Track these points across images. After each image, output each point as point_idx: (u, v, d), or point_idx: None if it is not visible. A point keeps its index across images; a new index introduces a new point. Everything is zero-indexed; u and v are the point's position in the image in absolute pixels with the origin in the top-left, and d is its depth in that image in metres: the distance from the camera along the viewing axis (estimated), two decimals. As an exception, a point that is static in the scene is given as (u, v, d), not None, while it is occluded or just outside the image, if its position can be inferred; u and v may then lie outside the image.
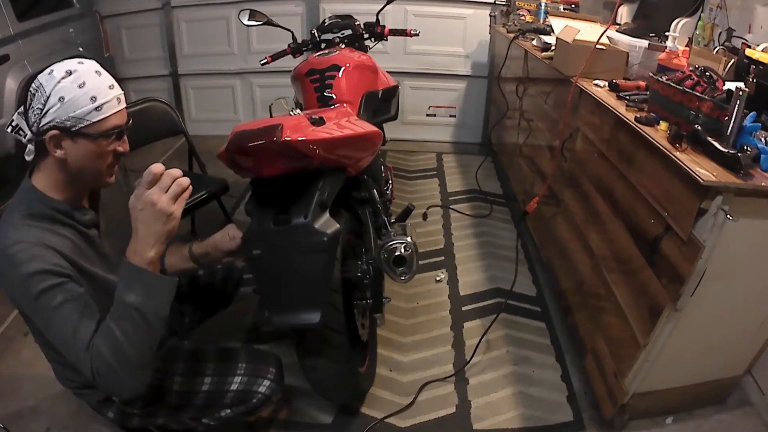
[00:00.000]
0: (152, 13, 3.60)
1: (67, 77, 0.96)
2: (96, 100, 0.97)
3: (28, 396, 1.61)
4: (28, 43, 2.55)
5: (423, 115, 3.74)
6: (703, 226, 1.14)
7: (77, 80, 0.96)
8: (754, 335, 1.48)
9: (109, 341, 0.92)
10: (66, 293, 0.94)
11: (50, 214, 1.01)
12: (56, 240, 0.98)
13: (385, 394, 1.68)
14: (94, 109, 0.97)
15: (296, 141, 1.09)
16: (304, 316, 1.16)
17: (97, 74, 0.99)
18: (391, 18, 3.22)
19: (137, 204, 0.94)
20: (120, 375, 0.93)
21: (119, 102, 1.02)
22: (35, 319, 0.97)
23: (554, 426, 1.58)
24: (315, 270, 1.15)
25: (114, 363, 0.91)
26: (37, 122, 0.96)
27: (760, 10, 1.70)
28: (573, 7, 2.86)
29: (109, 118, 0.99)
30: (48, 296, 0.92)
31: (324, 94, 1.70)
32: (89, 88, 0.96)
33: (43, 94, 0.95)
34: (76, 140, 0.98)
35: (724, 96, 1.19)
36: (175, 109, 2.24)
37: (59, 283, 0.94)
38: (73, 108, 0.95)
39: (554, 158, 2.03)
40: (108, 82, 1.00)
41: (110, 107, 0.99)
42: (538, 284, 2.24)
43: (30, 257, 0.92)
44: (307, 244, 1.13)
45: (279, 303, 1.18)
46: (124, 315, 0.93)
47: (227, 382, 1.26)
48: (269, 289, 1.19)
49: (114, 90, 1.01)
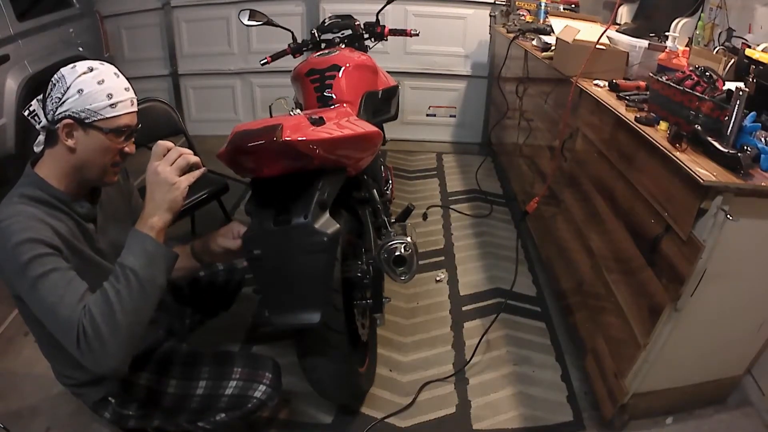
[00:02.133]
0: (152, 13, 3.60)
1: (89, 73, 1.02)
2: (112, 97, 1.02)
3: (28, 396, 1.61)
4: (28, 43, 2.55)
5: (423, 115, 3.74)
6: (703, 226, 1.14)
7: (97, 77, 1.02)
8: (754, 335, 1.47)
9: (102, 302, 0.92)
10: (55, 263, 0.95)
11: (49, 200, 1.03)
12: (52, 221, 1.00)
13: (385, 394, 1.68)
14: (109, 105, 1.02)
15: (296, 141, 1.09)
16: (303, 316, 1.16)
17: (115, 75, 1.05)
18: (391, 18, 3.22)
19: (148, 175, 1.01)
20: (106, 340, 0.91)
21: (132, 104, 1.07)
22: (22, 289, 0.95)
23: (554, 426, 1.58)
24: (315, 270, 1.15)
25: (103, 326, 0.90)
26: (54, 110, 1.01)
27: (760, 10, 1.70)
28: (573, 7, 2.86)
29: (121, 116, 1.04)
30: (36, 263, 0.93)
31: (324, 94, 1.70)
32: (107, 85, 1.02)
33: (63, 85, 1.00)
34: (87, 132, 1.02)
35: (724, 96, 1.19)
36: (175, 109, 2.24)
37: (49, 253, 0.94)
38: (90, 101, 1.00)
39: (554, 158, 2.03)
40: (124, 84, 1.06)
41: (124, 106, 1.05)
42: (538, 284, 2.24)
43: (22, 228, 0.94)
44: (307, 243, 1.12)
45: (279, 303, 1.18)
46: (121, 277, 0.95)
47: (222, 386, 1.27)
48: (269, 289, 1.18)
49: (129, 92, 1.06)
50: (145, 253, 0.97)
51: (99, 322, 0.90)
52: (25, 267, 0.92)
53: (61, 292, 0.93)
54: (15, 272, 0.94)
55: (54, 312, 0.93)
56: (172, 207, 1.00)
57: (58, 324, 0.94)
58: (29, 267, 0.92)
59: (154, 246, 0.98)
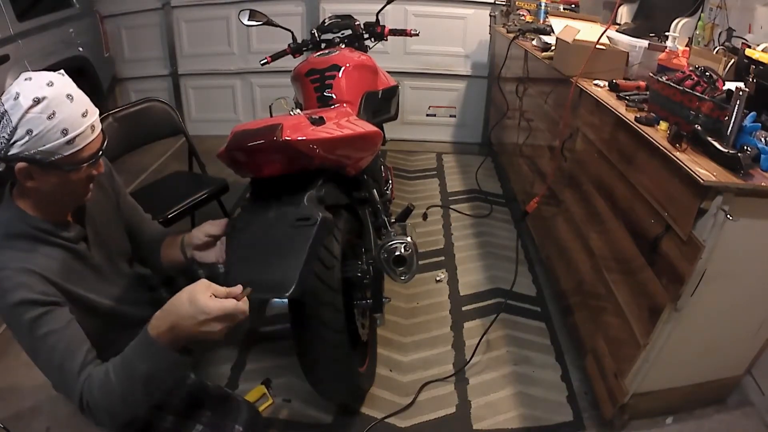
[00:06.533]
0: (152, 13, 3.60)
1: (35, 106, 0.86)
2: (67, 132, 0.89)
3: (28, 396, 1.61)
4: (28, 43, 2.55)
5: (423, 115, 3.74)
6: (703, 226, 1.13)
7: (46, 110, 0.87)
8: (754, 335, 1.47)
9: (106, 394, 0.89)
10: (52, 323, 0.92)
11: (32, 234, 0.97)
12: (41, 262, 0.94)
13: (385, 394, 1.68)
14: (65, 143, 0.89)
15: (296, 141, 1.09)
16: (275, 285, 1.01)
17: (68, 99, 0.90)
18: (391, 18, 3.22)
19: (197, 302, 0.85)
20: (111, 415, 0.91)
21: (93, 130, 0.95)
22: (21, 344, 0.95)
23: (554, 426, 1.58)
24: (298, 243, 1.05)
25: (106, 411, 0.90)
26: (4, 150, 0.88)
27: (760, 10, 1.70)
28: (573, 7, 2.86)
29: (82, 149, 0.92)
30: (33, 327, 0.90)
31: (324, 94, 1.70)
32: (60, 119, 0.88)
33: (9, 124, 0.87)
34: (48, 171, 0.91)
35: (724, 96, 1.19)
36: (175, 109, 2.23)
37: (45, 312, 0.91)
38: (43, 142, 0.87)
39: (554, 158, 2.03)
40: (80, 108, 0.92)
41: (83, 138, 0.92)
42: (538, 284, 2.24)
43: (14, 286, 0.89)
44: (295, 217, 1.08)
45: (250, 270, 1.05)
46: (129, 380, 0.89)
47: (187, 426, 1.13)
48: (243, 257, 1.07)
49: (87, 117, 0.93)
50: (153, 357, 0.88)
51: (103, 409, 0.90)
52: (20, 328, 0.91)
53: (60, 359, 0.91)
54: (12, 328, 0.93)
55: (53, 376, 0.94)
56: (189, 339, 0.87)
57: (58, 385, 0.96)
58: (24, 329, 0.91)
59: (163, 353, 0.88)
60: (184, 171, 2.38)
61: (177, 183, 2.23)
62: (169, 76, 3.78)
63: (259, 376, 1.70)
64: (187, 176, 2.31)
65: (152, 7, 3.57)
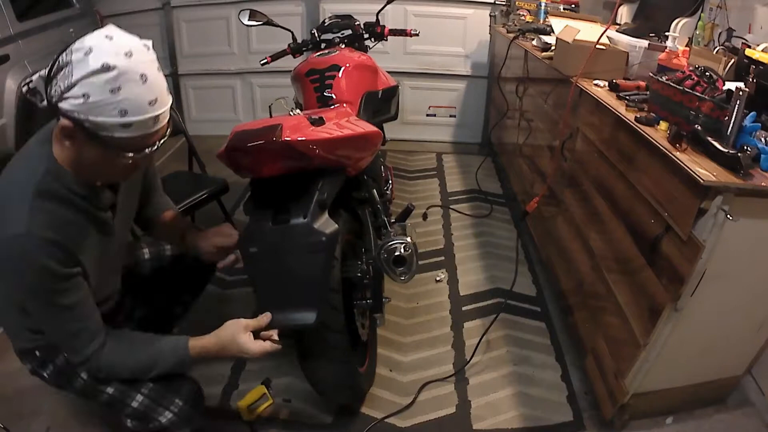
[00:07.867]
0: (152, 13, 3.60)
1: (102, 73, 0.78)
2: (126, 114, 0.80)
3: (28, 396, 1.61)
4: (28, 43, 2.55)
5: (423, 115, 3.74)
6: (703, 226, 1.13)
7: (112, 82, 0.78)
8: (754, 335, 1.47)
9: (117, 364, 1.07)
10: (73, 296, 0.96)
11: (64, 195, 0.90)
12: (66, 231, 0.91)
13: (385, 394, 1.68)
14: (120, 125, 0.81)
15: (296, 141, 1.09)
16: (300, 316, 1.15)
17: (141, 80, 0.81)
18: (391, 18, 3.22)
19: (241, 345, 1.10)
20: (101, 376, 1.10)
21: (156, 122, 0.85)
22: (32, 306, 0.98)
23: (554, 426, 1.58)
24: (313, 270, 1.14)
25: (106, 373, 1.08)
26: (56, 99, 0.81)
27: (760, 10, 1.70)
28: (573, 7, 2.86)
29: (136, 138, 0.84)
30: (57, 296, 0.94)
31: (324, 94, 1.70)
32: (123, 97, 0.79)
33: (69, 77, 0.79)
34: (91, 142, 0.84)
35: (724, 96, 1.19)
36: (175, 109, 2.22)
37: (65, 284, 0.94)
38: (97, 113, 0.80)
39: (554, 158, 2.03)
40: (149, 95, 0.82)
41: (141, 127, 0.83)
42: (538, 284, 2.24)
43: (35, 257, 0.88)
44: (305, 243, 1.12)
45: (275, 302, 1.17)
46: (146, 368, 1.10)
47: (130, 395, 1.13)
48: (266, 288, 1.18)
49: (154, 107, 0.83)
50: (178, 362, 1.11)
51: (105, 370, 1.07)
52: (39, 296, 0.94)
53: (77, 327, 1.00)
54: (28, 292, 0.94)
55: (63, 344, 1.05)
56: (223, 355, 1.12)
57: (67, 351, 1.06)
58: (49, 297, 0.94)
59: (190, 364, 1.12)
60: (183, 171, 2.38)
61: (177, 183, 2.23)
62: (169, 76, 3.77)
63: (259, 376, 1.68)
64: (186, 176, 2.31)
65: (152, 7, 3.57)
